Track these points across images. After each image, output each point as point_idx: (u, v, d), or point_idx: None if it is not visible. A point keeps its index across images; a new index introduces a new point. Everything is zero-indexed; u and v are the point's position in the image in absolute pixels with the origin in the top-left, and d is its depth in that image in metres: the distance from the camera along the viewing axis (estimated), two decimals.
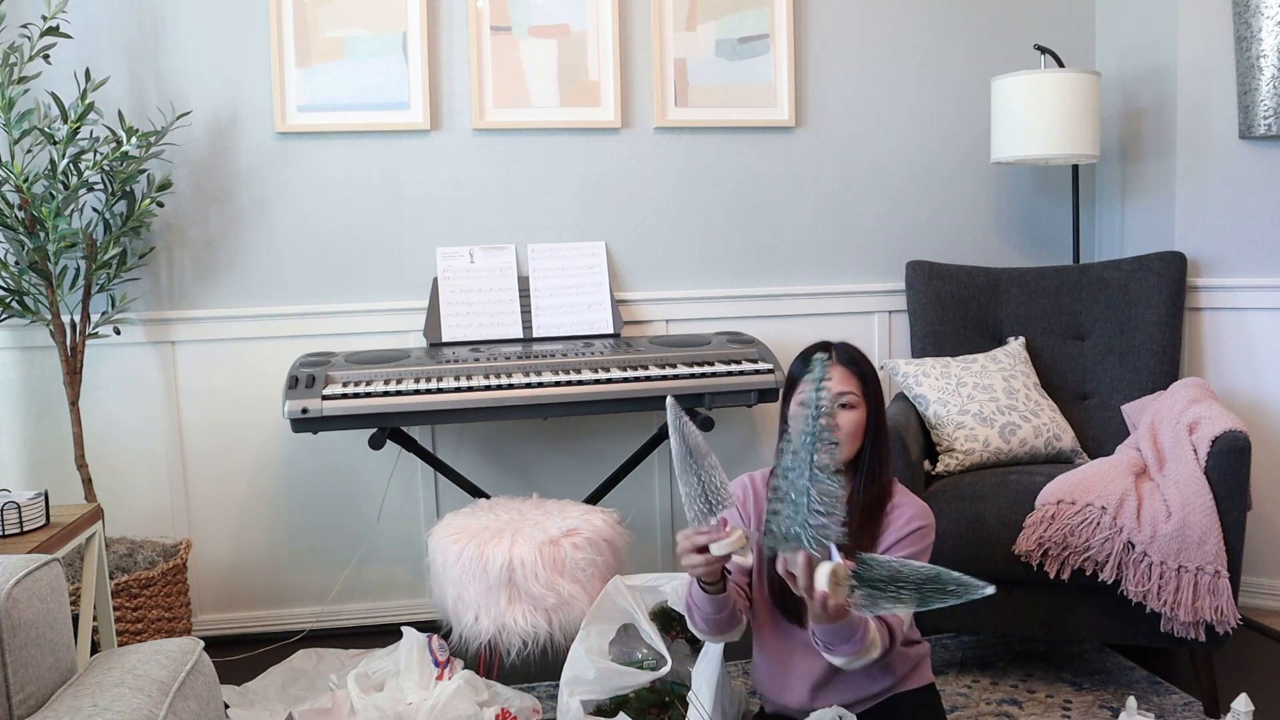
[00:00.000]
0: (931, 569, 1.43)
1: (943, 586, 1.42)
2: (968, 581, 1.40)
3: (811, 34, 3.12)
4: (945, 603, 1.41)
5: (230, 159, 2.85)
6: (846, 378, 1.77)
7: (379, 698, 2.16)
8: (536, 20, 2.95)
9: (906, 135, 3.20)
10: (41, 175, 2.49)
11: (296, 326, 2.90)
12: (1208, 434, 2.26)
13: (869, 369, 1.81)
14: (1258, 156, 2.90)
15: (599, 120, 2.99)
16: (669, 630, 2.17)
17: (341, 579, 2.99)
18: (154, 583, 2.52)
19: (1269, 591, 2.95)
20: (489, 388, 2.48)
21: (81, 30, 2.72)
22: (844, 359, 1.79)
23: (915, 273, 3.02)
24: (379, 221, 2.94)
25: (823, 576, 1.46)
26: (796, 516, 1.47)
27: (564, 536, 2.29)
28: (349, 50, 2.86)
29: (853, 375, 1.77)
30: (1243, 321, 2.94)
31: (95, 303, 2.74)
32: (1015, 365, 2.77)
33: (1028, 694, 2.42)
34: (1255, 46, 2.79)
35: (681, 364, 2.62)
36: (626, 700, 2.05)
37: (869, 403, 1.78)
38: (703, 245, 3.11)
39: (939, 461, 2.62)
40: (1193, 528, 2.16)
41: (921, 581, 1.43)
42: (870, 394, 1.78)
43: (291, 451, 2.94)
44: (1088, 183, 3.30)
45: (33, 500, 2.08)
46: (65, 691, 1.38)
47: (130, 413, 2.85)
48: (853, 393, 1.76)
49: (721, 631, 1.78)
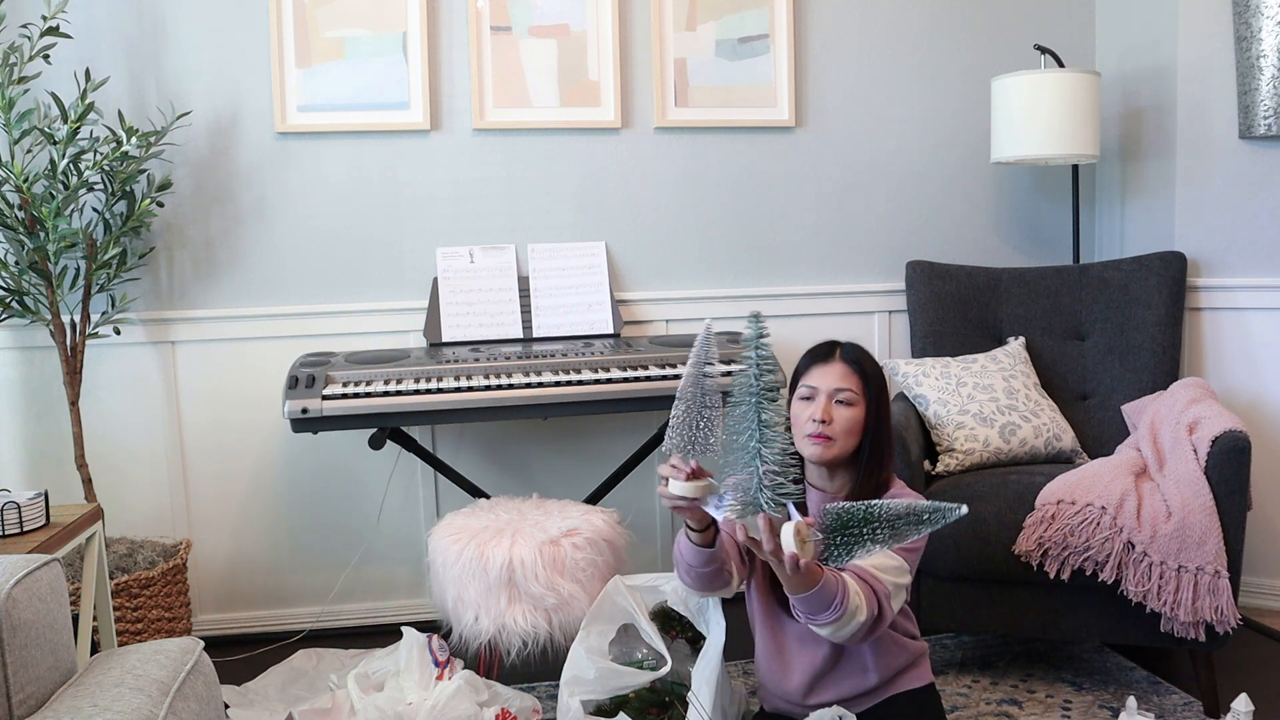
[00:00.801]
0: (902, 503, 1.44)
1: (918, 517, 1.42)
2: (942, 506, 1.40)
3: (811, 34, 3.12)
4: (920, 532, 1.41)
5: (230, 159, 2.85)
6: (847, 375, 1.78)
7: (379, 698, 2.16)
8: (536, 20, 2.95)
9: (906, 135, 3.20)
10: (41, 175, 2.49)
11: (296, 326, 2.90)
12: (1208, 434, 2.26)
13: (872, 368, 1.82)
14: (1258, 156, 2.90)
15: (599, 120, 2.99)
16: (669, 630, 2.17)
17: (341, 579, 2.99)
18: (154, 583, 2.52)
19: (1269, 591, 2.95)
20: (489, 388, 2.48)
21: (81, 30, 2.72)
22: (847, 357, 1.81)
23: (915, 273, 3.02)
24: (379, 221, 2.94)
25: (788, 536, 1.46)
26: (752, 481, 1.46)
27: (564, 536, 2.29)
28: (349, 50, 2.86)
29: (854, 373, 1.79)
30: (1243, 321, 2.94)
31: (95, 303, 2.74)
32: (1015, 365, 2.77)
33: (1028, 694, 2.42)
34: (1255, 46, 2.79)
35: (681, 364, 2.62)
36: (626, 700, 2.05)
37: (869, 401, 1.79)
38: (703, 245, 3.11)
39: (939, 461, 2.62)
40: (1193, 528, 2.16)
41: (894, 518, 1.43)
42: (871, 393, 1.79)
43: (291, 451, 2.94)
44: (1088, 183, 3.30)
45: (33, 500, 2.08)
46: (65, 691, 1.38)
47: (130, 413, 2.85)
48: (851, 390, 1.78)
49: (704, 587, 1.79)
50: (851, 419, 1.77)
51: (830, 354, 1.82)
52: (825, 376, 1.79)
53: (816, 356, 1.82)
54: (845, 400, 1.77)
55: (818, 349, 1.84)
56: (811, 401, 1.79)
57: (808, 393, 1.80)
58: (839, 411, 1.77)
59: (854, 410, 1.77)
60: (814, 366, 1.81)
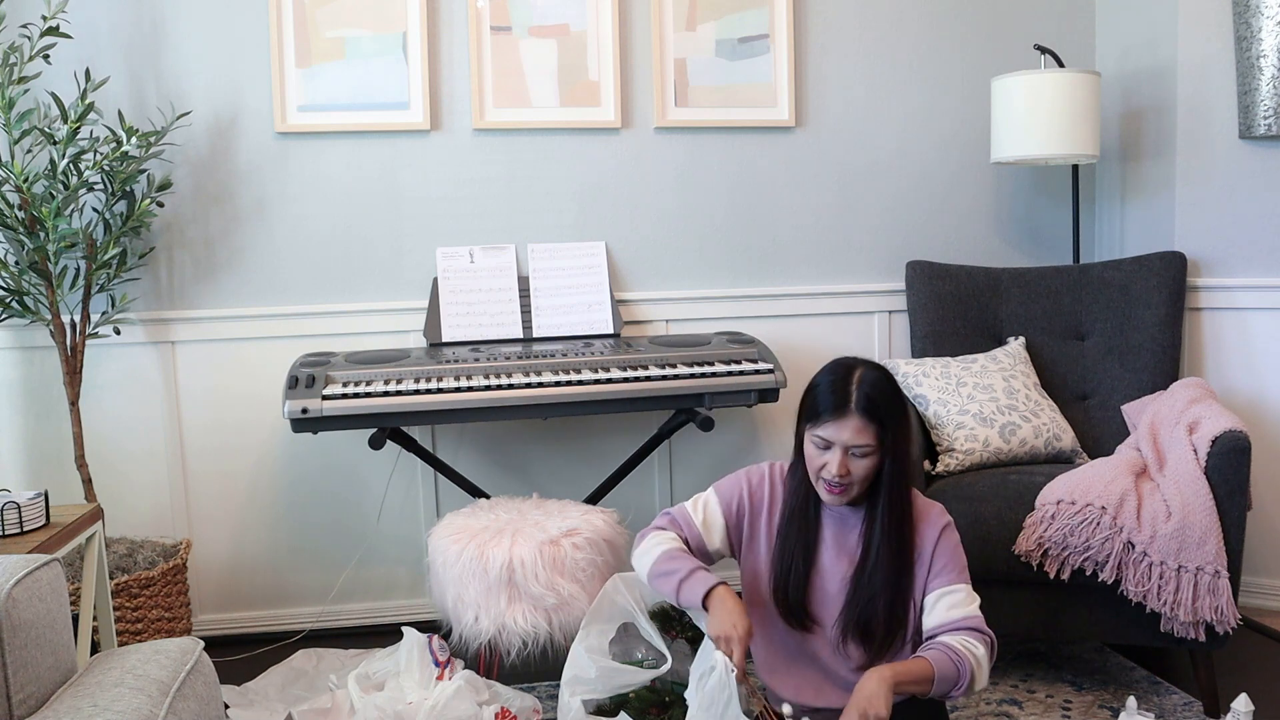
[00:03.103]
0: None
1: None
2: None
3: (811, 34, 3.12)
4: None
5: (230, 159, 2.85)
6: (862, 430, 1.68)
7: (379, 697, 2.16)
8: (536, 20, 2.95)
9: (906, 135, 3.20)
10: (41, 175, 2.49)
11: (296, 326, 2.90)
12: (1208, 434, 2.26)
13: (890, 410, 1.70)
14: (1258, 156, 2.90)
15: (599, 120, 2.99)
16: (669, 629, 2.17)
17: (341, 579, 2.99)
18: (154, 583, 2.52)
19: (1269, 591, 2.95)
20: (489, 388, 2.48)
21: (81, 30, 2.72)
22: (862, 407, 1.68)
23: (915, 273, 3.02)
24: (379, 221, 2.94)
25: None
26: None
27: (564, 536, 2.29)
28: (349, 50, 2.86)
29: (869, 426, 1.68)
30: (1243, 321, 2.94)
31: (95, 303, 2.74)
32: (1015, 365, 2.77)
33: (1028, 694, 2.42)
34: (1255, 46, 2.79)
35: (681, 364, 2.62)
36: (627, 699, 2.05)
37: (883, 450, 1.71)
38: (702, 245, 3.11)
39: (939, 461, 2.62)
40: (1193, 528, 2.16)
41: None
42: (888, 442, 1.71)
43: (291, 451, 2.94)
44: (1088, 183, 3.30)
45: (33, 500, 2.08)
46: (65, 691, 1.38)
47: (130, 413, 2.85)
48: (868, 444, 1.69)
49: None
50: (868, 468, 1.71)
51: (845, 405, 1.69)
52: (840, 431, 1.69)
53: (832, 406, 1.70)
54: (861, 454, 1.70)
55: (834, 393, 1.70)
56: (827, 451, 1.72)
57: (823, 444, 1.72)
58: (855, 465, 1.70)
59: (870, 460, 1.71)
60: (829, 419, 1.70)
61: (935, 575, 1.76)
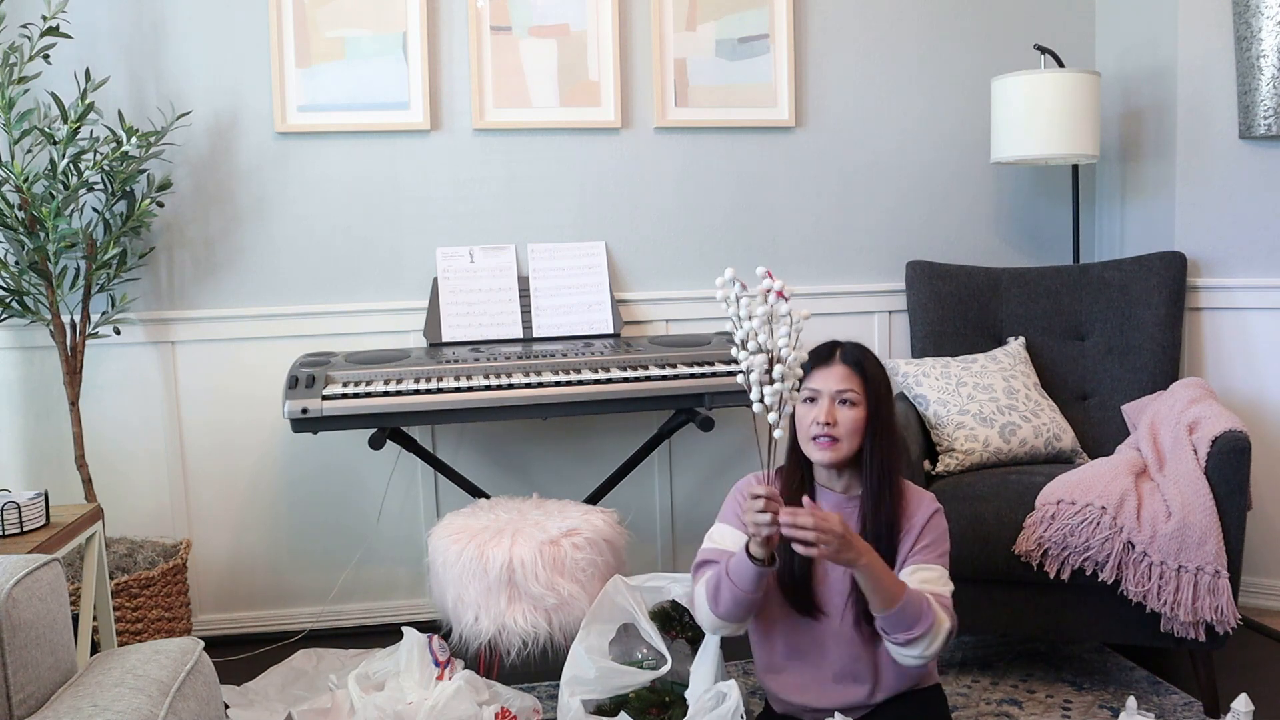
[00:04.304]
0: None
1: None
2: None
3: (811, 34, 3.12)
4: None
5: (230, 159, 2.85)
6: (848, 376, 1.79)
7: (379, 697, 2.16)
8: (536, 20, 2.95)
9: (906, 135, 3.20)
10: (41, 175, 2.49)
11: (296, 326, 2.90)
12: (1208, 434, 2.26)
13: (874, 369, 1.82)
14: (1258, 156, 2.90)
15: (599, 120, 2.99)
16: (669, 630, 2.17)
17: (341, 579, 2.99)
18: (154, 583, 2.52)
19: (1269, 591, 2.95)
20: (489, 388, 2.48)
21: (81, 30, 2.72)
22: (848, 358, 1.81)
23: (915, 273, 3.02)
24: (379, 221, 2.94)
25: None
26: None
27: (564, 536, 2.29)
28: (349, 50, 2.86)
29: (855, 374, 1.80)
30: (1243, 321, 2.94)
31: (95, 303, 2.74)
32: (1015, 365, 2.77)
33: (1028, 694, 2.42)
34: (1255, 46, 2.79)
35: (681, 364, 2.62)
36: (627, 700, 2.05)
37: (870, 401, 1.79)
38: (703, 245, 3.11)
39: (939, 461, 2.62)
40: (1193, 528, 2.16)
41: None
42: (872, 392, 1.80)
43: (291, 451, 2.94)
44: (1088, 183, 3.30)
45: (33, 500, 2.08)
46: (65, 691, 1.38)
47: (130, 413, 2.85)
48: (853, 390, 1.79)
49: (739, 618, 1.79)
50: (856, 419, 1.78)
51: (831, 356, 1.82)
52: (827, 379, 1.80)
53: (818, 359, 1.82)
54: (848, 400, 1.78)
55: (819, 350, 1.84)
56: (815, 404, 1.79)
57: (811, 395, 1.80)
58: (843, 413, 1.78)
59: (858, 410, 1.78)
60: (816, 370, 1.81)
61: (918, 550, 1.79)
